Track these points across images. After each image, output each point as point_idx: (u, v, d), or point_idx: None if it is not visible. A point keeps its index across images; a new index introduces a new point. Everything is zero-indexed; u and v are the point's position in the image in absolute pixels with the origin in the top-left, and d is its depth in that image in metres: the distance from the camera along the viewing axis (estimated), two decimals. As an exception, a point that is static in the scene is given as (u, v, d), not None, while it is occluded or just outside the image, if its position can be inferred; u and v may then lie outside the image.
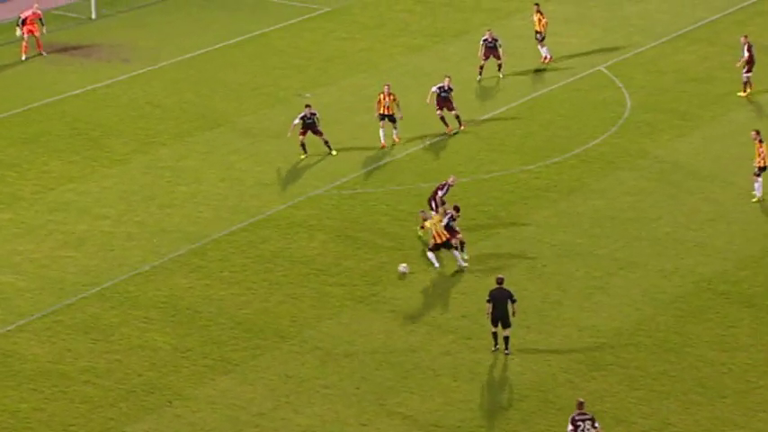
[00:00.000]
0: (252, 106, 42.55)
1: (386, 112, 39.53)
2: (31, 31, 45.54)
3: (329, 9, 51.76)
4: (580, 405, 26.05)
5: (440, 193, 35.14)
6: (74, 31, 49.20)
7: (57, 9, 51.23)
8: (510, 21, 49.94)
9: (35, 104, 42.71)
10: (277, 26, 49.90)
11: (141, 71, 45.66)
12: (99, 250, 34.20)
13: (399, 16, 51.16)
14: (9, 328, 30.70)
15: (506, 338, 29.92)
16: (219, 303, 31.89)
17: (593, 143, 40.38)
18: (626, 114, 42.33)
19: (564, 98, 43.70)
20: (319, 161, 39.28)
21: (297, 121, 38.57)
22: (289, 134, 38.87)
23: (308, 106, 38.83)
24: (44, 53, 46.00)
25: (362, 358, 29.80)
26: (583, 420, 25.72)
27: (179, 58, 46.71)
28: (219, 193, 37.26)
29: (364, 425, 27.71)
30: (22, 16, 45.64)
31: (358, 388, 28.80)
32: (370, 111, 42.08)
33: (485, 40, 44.41)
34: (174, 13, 51.30)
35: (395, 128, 39.93)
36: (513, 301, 29.87)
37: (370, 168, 38.78)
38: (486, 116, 42.45)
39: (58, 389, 28.54)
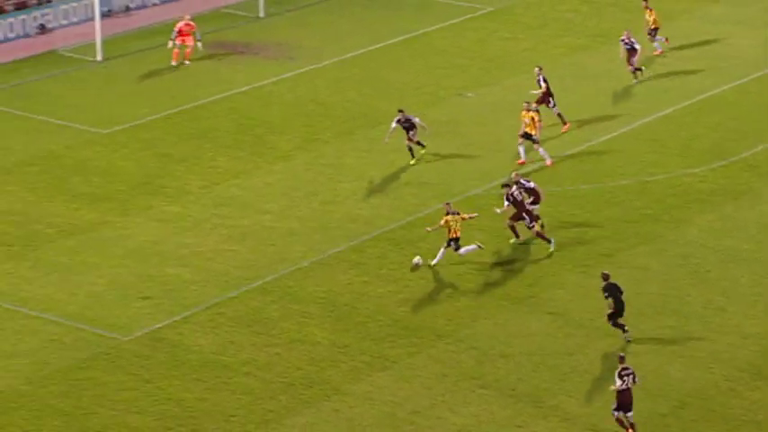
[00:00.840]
0: (414, 105, 42.71)
1: (527, 131, 38.70)
2: (183, 41, 46.29)
3: (492, 9, 51.68)
4: (622, 359, 27.28)
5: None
6: (242, 30, 50.09)
7: (226, 7, 52.22)
8: (677, 21, 49.21)
9: (204, 101, 43.61)
10: (440, 25, 50.03)
11: (306, 69, 46.26)
12: (261, 245, 34.78)
13: (564, 16, 50.84)
14: (175, 319, 31.48)
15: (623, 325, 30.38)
16: (377, 300, 32.18)
17: (762, 147, 39.59)
18: (796, 118, 41.50)
19: (732, 100, 42.93)
20: (478, 160, 39.26)
21: (393, 125, 38.25)
22: (386, 140, 38.60)
23: (400, 111, 38.53)
24: (188, 62, 46.39)
25: (519, 359, 29.76)
26: (627, 375, 26.90)
27: (342, 57, 47.18)
28: (379, 190, 37.55)
29: (520, 426, 27.69)
30: (176, 28, 46.50)
31: (514, 389, 28.78)
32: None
33: (623, 41, 43.71)
34: (337, 12, 51.85)
35: (538, 148, 38.67)
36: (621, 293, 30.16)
37: (529, 169, 38.61)
38: (649, 118, 41.96)
39: (221, 380, 29.17)
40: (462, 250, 33.36)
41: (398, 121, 38.58)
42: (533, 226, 33.99)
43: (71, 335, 30.76)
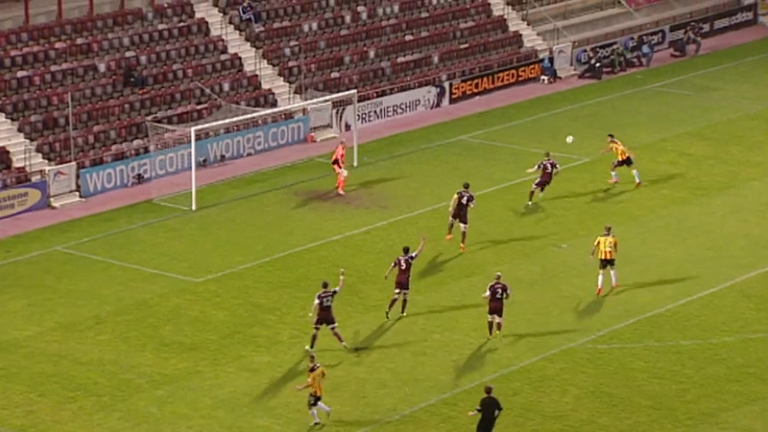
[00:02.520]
0: (507, 256, 42.29)
1: (605, 257, 38.49)
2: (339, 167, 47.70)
3: (588, 159, 51.42)
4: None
5: None
6: (336, 179, 50.17)
7: (321, 157, 52.47)
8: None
9: (296, 249, 43.55)
10: (536, 175, 49.77)
11: (398, 218, 46.14)
12: (352, 396, 34.17)
13: (661, 168, 50.36)
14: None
15: None
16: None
17: None
18: None
19: None
20: (574, 314, 38.57)
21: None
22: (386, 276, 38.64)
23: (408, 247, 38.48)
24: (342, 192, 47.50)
25: None
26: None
27: (436, 206, 46.99)
28: (472, 342, 36.90)
29: None
30: (337, 156, 47.95)
31: None
32: (628, 263, 41.33)
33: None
34: (431, 161, 51.90)
35: (612, 272, 39.22)
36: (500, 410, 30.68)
37: (627, 322, 37.83)
38: (752, 273, 41.00)
39: None
40: (316, 409, 32.66)
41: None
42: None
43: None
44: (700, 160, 51.02)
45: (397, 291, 38.19)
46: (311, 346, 36.17)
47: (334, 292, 36.37)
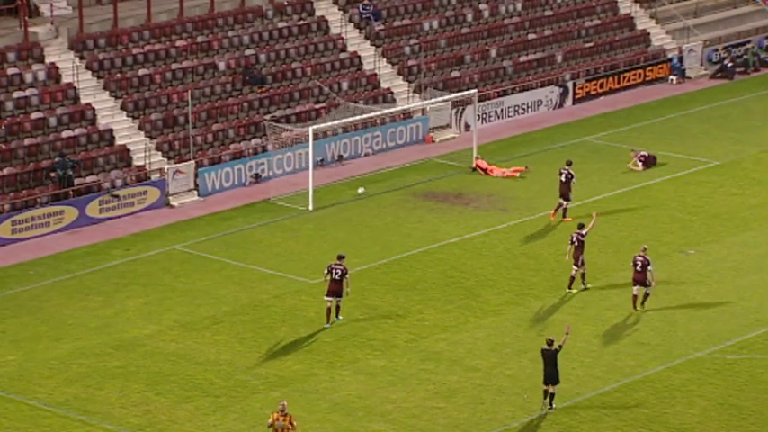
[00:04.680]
0: (628, 260, 41.11)
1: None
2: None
3: (718, 163, 49.92)
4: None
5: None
6: (454, 180, 49.51)
7: (439, 158, 51.87)
8: None
9: (413, 252, 42.88)
10: (662, 179, 48.51)
11: (519, 221, 45.20)
12: (469, 403, 33.45)
13: (791, 172, 48.82)
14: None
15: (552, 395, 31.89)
16: (591, 469, 30.35)
17: None
18: None
19: None
20: (702, 322, 37.29)
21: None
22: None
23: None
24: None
25: None
26: None
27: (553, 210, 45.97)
28: (593, 350, 35.86)
29: None
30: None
31: None
32: (759, 271, 39.93)
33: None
34: (553, 163, 50.62)
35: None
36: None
37: (758, 332, 36.45)
38: None
39: None
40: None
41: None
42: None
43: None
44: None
45: (575, 267, 39.10)
46: (328, 322, 37.01)
47: (343, 267, 36.97)
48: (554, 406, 33.10)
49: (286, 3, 54.93)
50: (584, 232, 39.23)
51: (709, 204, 46.12)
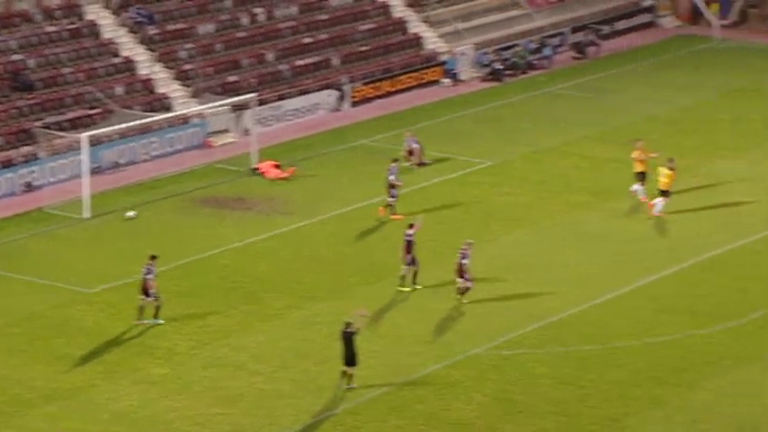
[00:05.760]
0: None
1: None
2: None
3: (491, 163, 51.11)
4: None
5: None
6: (234, 185, 49.36)
7: (219, 162, 51.63)
8: (682, 178, 48.52)
9: (194, 258, 42.59)
10: (436, 180, 49.39)
11: (300, 224, 45.38)
12: (252, 407, 33.41)
13: (564, 172, 50.20)
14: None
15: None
16: (374, 468, 30.70)
17: (770, 308, 38.53)
18: (811, 277, 40.40)
19: (740, 260, 41.90)
20: (479, 320, 38.16)
21: None
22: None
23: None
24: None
25: None
26: None
27: (338, 212, 46.37)
28: (377, 350, 36.27)
29: None
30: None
31: None
32: (531, 267, 41.04)
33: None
34: (333, 166, 51.24)
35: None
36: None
37: (531, 327, 37.48)
38: (653, 277, 40.90)
39: None
40: None
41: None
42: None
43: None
44: (601, 164, 50.93)
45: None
46: (139, 318, 37.25)
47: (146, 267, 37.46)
48: (354, 385, 33.74)
49: (54, 6, 53.78)
50: (410, 231, 39.60)
51: (483, 204, 47.17)
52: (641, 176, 46.44)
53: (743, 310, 38.25)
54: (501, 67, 62.29)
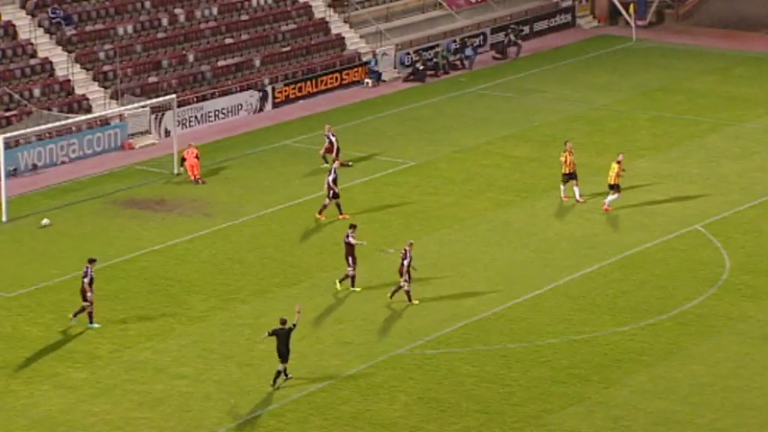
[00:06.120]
0: (333, 262, 41.60)
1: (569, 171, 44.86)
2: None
3: (414, 163, 51.15)
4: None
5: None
6: (156, 186, 48.94)
7: (140, 164, 51.16)
8: (602, 176, 48.87)
9: (115, 260, 42.14)
10: (360, 180, 49.32)
11: (223, 226, 45.08)
12: (176, 411, 33.13)
13: (486, 171, 50.36)
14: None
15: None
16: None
17: (691, 305, 38.81)
18: (725, 275, 40.76)
19: (659, 257, 42.27)
20: (402, 319, 38.14)
21: None
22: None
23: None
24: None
25: None
26: None
27: (260, 213, 46.13)
28: (299, 351, 36.11)
29: None
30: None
31: None
32: (454, 267, 41.13)
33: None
34: (256, 167, 50.98)
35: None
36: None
37: (454, 327, 37.53)
38: (576, 274, 41.14)
39: None
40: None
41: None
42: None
43: None
44: (523, 162, 51.18)
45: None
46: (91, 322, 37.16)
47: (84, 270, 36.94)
48: (289, 376, 34.13)
49: (-31, 7, 53.10)
50: (351, 233, 39.52)
51: (406, 204, 47.18)
52: (568, 177, 46.55)
53: (662, 307, 38.61)
54: (423, 67, 62.37)
